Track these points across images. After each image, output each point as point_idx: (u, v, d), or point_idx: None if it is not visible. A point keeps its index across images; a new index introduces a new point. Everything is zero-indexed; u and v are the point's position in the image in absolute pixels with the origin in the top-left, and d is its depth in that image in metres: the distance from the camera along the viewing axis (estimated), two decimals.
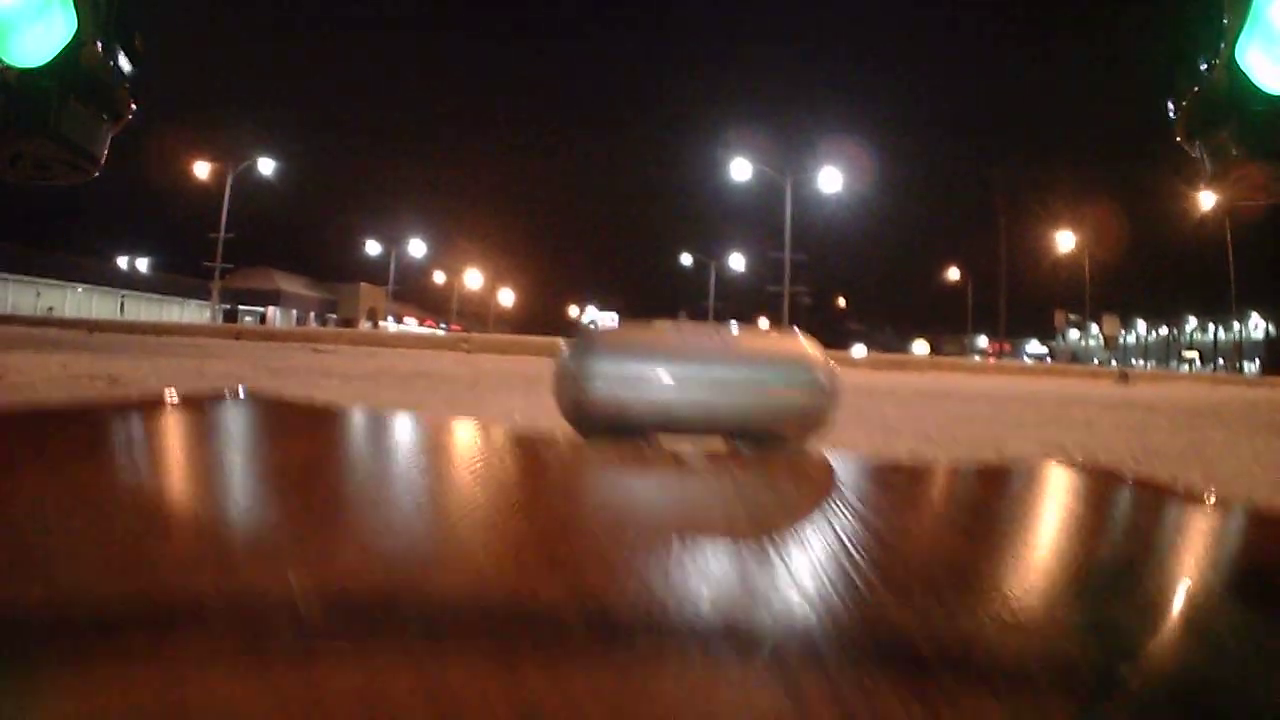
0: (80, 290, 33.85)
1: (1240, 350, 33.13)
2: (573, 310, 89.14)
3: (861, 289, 69.48)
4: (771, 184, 25.66)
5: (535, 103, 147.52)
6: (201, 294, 35.62)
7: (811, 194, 26.28)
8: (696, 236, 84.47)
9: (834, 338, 70.94)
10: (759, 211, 31.12)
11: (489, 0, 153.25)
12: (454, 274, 67.23)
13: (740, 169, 26.46)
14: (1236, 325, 33.84)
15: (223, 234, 30.69)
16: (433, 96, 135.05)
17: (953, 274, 48.51)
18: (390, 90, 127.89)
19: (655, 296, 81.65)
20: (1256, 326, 34.97)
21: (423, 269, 63.42)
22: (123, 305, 35.51)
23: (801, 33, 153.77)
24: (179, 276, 41.82)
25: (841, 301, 70.28)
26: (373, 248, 54.55)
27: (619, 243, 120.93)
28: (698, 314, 68.92)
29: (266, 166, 31.82)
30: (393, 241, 52.93)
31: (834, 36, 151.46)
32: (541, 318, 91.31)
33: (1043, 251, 37.87)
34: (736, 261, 54.47)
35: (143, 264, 47.07)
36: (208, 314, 40.79)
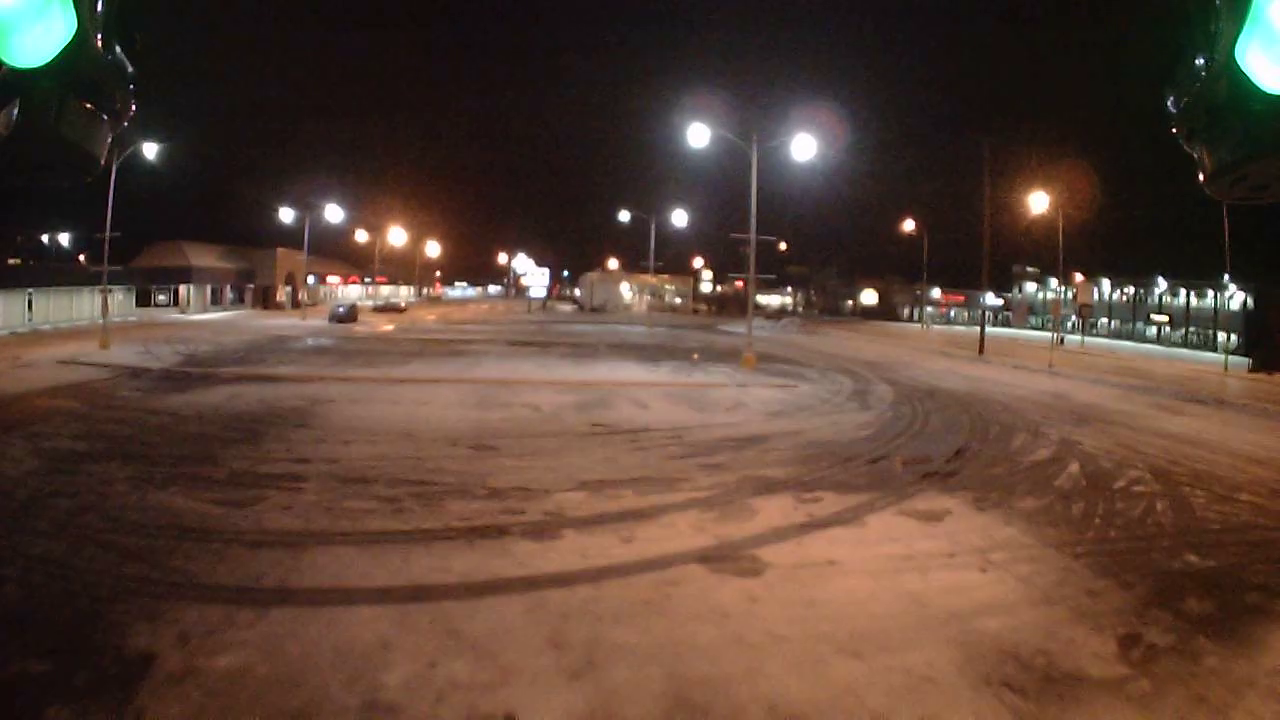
0: None
1: (1215, 319, 30.57)
2: (502, 259, 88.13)
3: (808, 232, 68.81)
4: (723, 142, 22.36)
5: (466, 44, 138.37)
6: (111, 279, 33.62)
7: (769, 155, 22.38)
8: (635, 192, 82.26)
9: (767, 282, 68.90)
10: (705, 169, 31.22)
11: None
12: (377, 230, 64.48)
13: (699, 135, 22.55)
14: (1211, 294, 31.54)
15: (108, 233, 27.56)
16: (346, 41, 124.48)
17: (909, 225, 46.26)
18: (299, 43, 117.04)
19: (587, 249, 79.90)
20: (1232, 296, 31.76)
21: (345, 229, 60.02)
22: (30, 302, 34.47)
23: None
24: (86, 267, 40.03)
25: (782, 246, 67.04)
26: (287, 215, 51.93)
27: (552, 195, 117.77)
28: (634, 268, 68.50)
29: (151, 151, 29.26)
30: (308, 205, 50.26)
31: None
32: (472, 268, 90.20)
33: (1010, 208, 35.02)
34: (679, 218, 52.88)
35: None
36: (120, 298, 39.90)
